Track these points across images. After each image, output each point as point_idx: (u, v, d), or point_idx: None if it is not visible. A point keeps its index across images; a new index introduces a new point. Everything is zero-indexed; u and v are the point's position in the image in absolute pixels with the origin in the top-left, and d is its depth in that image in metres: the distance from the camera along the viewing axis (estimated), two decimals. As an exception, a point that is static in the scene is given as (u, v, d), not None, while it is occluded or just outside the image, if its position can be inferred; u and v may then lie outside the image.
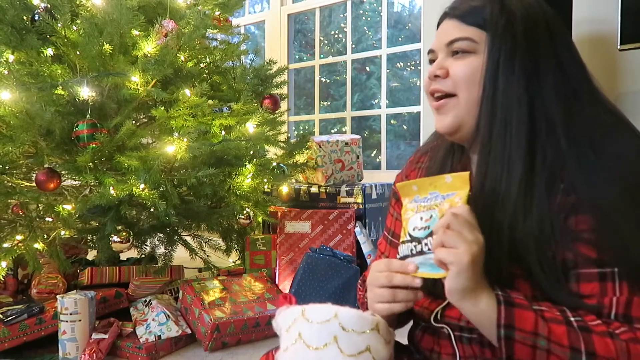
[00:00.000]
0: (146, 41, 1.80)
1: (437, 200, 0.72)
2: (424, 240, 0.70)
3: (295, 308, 0.74)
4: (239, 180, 2.04)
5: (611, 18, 1.87)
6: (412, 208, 0.74)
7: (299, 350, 0.69)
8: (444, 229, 0.65)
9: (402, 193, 0.76)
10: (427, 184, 0.74)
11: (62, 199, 1.87)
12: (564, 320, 0.63)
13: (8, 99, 1.65)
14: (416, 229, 0.72)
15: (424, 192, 0.74)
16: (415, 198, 0.75)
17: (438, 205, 0.71)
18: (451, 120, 0.75)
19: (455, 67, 0.74)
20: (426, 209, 0.72)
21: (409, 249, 0.72)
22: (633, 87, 2.02)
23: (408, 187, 0.76)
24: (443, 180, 0.72)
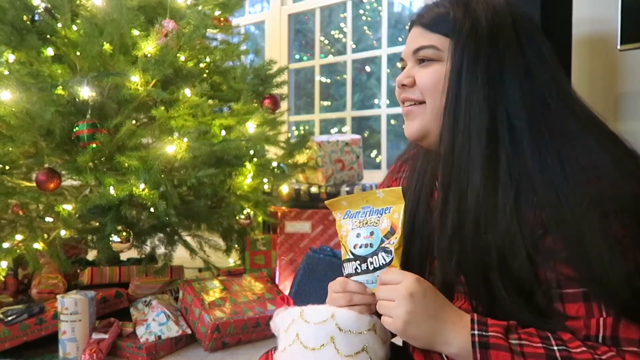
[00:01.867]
0: (146, 41, 1.80)
1: (373, 216, 0.73)
2: (369, 258, 0.72)
3: (293, 309, 0.74)
4: (239, 180, 2.04)
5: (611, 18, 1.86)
6: (345, 224, 0.75)
7: (296, 350, 0.69)
8: (379, 287, 0.70)
9: (332, 208, 0.78)
10: (358, 199, 0.76)
11: (62, 199, 1.87)
12: (545, 354, 0.61)
13: (8, 99, 1.64)
14: (357, 246, 0.73)
15: (355, 206, 0.75)
16: (347, 213, 0.76)
17: (378, 223, 0.72)
18: (417, 127, 0.75)
19: (421, 76, 0.74)
20: (363, 224, 0.74)
21: (353, 267, 0.73)
22: (633, 87, 2.02)
23: (337, 203, 0.78)
24: (375, 195, 0.74)
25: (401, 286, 0.66)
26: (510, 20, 0.72)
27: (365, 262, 0.72)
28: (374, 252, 0.72)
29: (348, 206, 0.76)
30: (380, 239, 0.72)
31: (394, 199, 0.73)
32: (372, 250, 0.72)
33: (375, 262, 0.71)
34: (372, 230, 0.73)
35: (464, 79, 0.70)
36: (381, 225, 0.72)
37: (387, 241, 0.72)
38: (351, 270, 0.73)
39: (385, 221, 0.72)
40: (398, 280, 0.67)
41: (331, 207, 0.78)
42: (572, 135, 0.67)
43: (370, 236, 0.72)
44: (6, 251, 1.70)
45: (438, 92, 0.72)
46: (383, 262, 0.71)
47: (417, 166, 0.84)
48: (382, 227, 0.72)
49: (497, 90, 0.69)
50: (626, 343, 0.61)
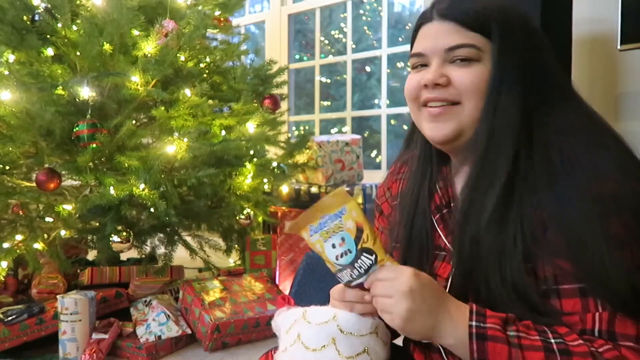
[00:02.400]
0: (146, 41, 1.80)
1: (335, 221, 0.71)
2: (355, 264, 0.69)
3: (296, 309, 0.74)
4: (239, 180, 2.04)
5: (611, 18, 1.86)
6: (316, 240, 0.72)
7: (297, 351, 0.69)
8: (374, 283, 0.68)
9: (297, 231, 0.74)
10: (313, 212, 0.72)
11: (62, 199, 1.87)
12: (542, 346, 0.61)
13: (8, 99, 1.65)
14: (339, 257, 0.70)
15: (314, 219, 0.72)
16: (311, 229, 0.72)
17: (342, 227, 0.70)
18: (452, 129, 0.72)
19: (461, 76, 0.71)
20: (331, 233, 0.71)
21: (348, 274, 0.71)
22: (633, 88, 2.02)
23: (297, 225, 0.74)
24: (325, 203, 0.71)
25: (399, 282, 0.64)
26: (531, 25, 0.74)
27: (354, 268, 0.69)
28: (355, 257, 0.69)
29: (308, 221, 0.72)
30: (353, 242, 0.69)
31: (342, 200, 0.70)
32: (353, 255, 0.69)
33: (362, 265, 0.68)
34: (341, 236, 0.70)
35: (505, 82, 0.70)
36: (346, 226, 0.69)
37: (360, 241, 0.69)
38: (348, 278, 0.71)
39: (349, 222, 0.69)
40: (393, 276, 0.65)
41: (295, 232, 0.74)
42: (575, 134, 0.68)
43: (344, 242, 0.70)
44: (6, 251, 1.70)
45: (479, 93, 0.70)
46: (369, 262, 0.68)
47: (416, 168, 0.83)
48: (348, 229, 0.69)
49: (528, 94, 0.70)
50: (622, 338, 0.61)
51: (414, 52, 0.76)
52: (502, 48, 0.70)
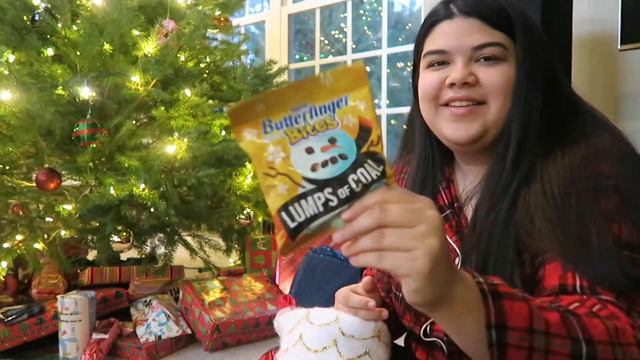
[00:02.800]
0: (146, 41, 1.80)
1: (322, 115, 0.48)
2: (351, 175, 0.46)
3: (300, 310, 0.74)
4: (239, 180, 2.04)
5: (611, 18, 1.86)
6: (276, 140, 0.46)
7: (299, 351, 0.69)
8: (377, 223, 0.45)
9: (238, 121, 0.47)
10: (285, 96, 0.47)
11: (62, 199, 1.87)
12: (554, 307, 0.53)
13: (8, 99, 1.65)
14: (317, 167, 0.46)
15: (280, 110, 0.47)
16: (267, 124, 0.47)
17: (333, 123, 0.48)
18: (478, 129, 0.71)
19: (490, 76, 0.69)
20: (308, 132, 0.47)
21: (319, 201, 0.45)
22: (633, 88, 2.02)
23: (246, 111, 0.47)
24: (316, 83, 0.47)
25: (427, 210, 0.45)
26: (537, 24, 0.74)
27: (344, 183, 0.45)
28: (353, 165, 0.46)
29: (265, 113, 0.47)
30: (353, 144, 0.47)
31: (351, 82, 0.48)
32: (349, 163, 0.46)
33: (362, 178, 0.46)
34: (331, 135, 0.47)
35: (531, 81, 0.70)
36: (342, 123, 0.48)
37: (367, 143, 0.47)
38: (317, 208, 0.45)
39: (348, 118, 0.48)
40: (416, 200, 0.46)
41: (234, 122, 0.47)
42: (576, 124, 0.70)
43: (332, 145, 0.47)
44: (6, 251, 1.70)
45: (506, 93, 0.69)
46: (375, 174, 0.46)
47: (418, 170, 0.82)
48: (345, 126, 0.47)
49: (548, 92, 0.71)
50: (604, 294, 0.58)
51: (432, 50, 0.73)
52: (526, 47, 0.70)
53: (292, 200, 0.45)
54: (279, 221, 0.46)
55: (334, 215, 0.46)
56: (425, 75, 0.74)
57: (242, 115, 0.47)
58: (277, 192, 0.46)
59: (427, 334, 0.75)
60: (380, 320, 0.71)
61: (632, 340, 0.53)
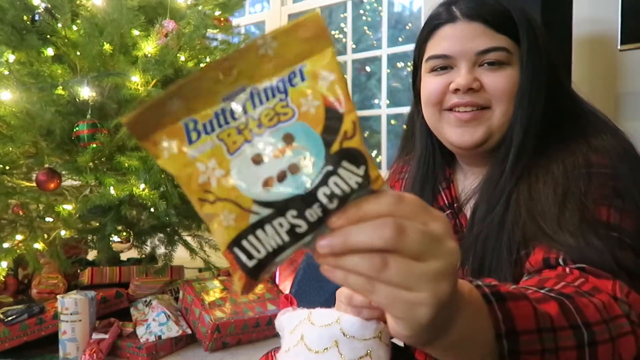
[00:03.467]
0: (146, 41, 1.80)
1: (268, 101, 0.34)
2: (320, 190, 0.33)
3: (302, 311, 0.74)
4: (239, 180, 2.04)
5: (611, 18, 1.86)
6: (208, 152, 0.34)
7: (300, 352, 0.69)
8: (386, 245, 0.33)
9: (141, 131, 0.33)
10: (206, 82, 0.33)
11: (62, 199, 1.87)
12: (547, 295, 0.51)
13: (8, 99, 1.65)
14: (272, 181, 0.33)
15: (206, 102, 0.34)
16: (191, 128, 0.34)
17: (288, 111, 0.34)
18: (482, 134, 0.71)
19: (495, 81, 0.69)
20: (254, 130, 0.34)
21: (282, 229, 0.33)
22: (633, 88, 2.02)
23: (155, 114, 0.33)
24: (251, 55, 0.34)
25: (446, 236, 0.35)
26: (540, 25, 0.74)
27: (313, 201, 0.33)
28: (324, 171, 0.33)
29: (186, 111, 0.33)
30: (318, 140, 0.33)
31: (305, 45, 0.34)
32: (317, 170, 0.33)
33: (339, 186, 0.33)
34: (285, 131, 0.34)
35: (534, 86, 0.69)
36: (301, 110, 0.34)
37: (338, 137, 0.33)
38: (280, 238, 0.33)
39: (307, 99, 0.34)
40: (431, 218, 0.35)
41: (139, 133, 0.33)
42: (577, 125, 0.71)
43: (290, 145, 0.33)
44: (6, 251, 1.70)
45: (509, 98, 0.69)
46: (356, 178, 0.33)
47: (418, 171, 0.81)
48: (304, 113, 0.34)
49: (550, 94, 0.71)
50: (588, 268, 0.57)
51: (435, 54, 0.72)
52: (530, 51, 0.69)
53: (244, 233, 0.33)
54: (232, 259, 0.34)
55: (308, 242, 0.34)
56: (428, 80, 0.74)
57: (151, 121, 0.33)
58: (221, 223, 0.33)
59: None
60: (383, 319, 0.71)
61: (619, 312, 0.52)
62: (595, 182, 0.62)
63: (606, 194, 0.61)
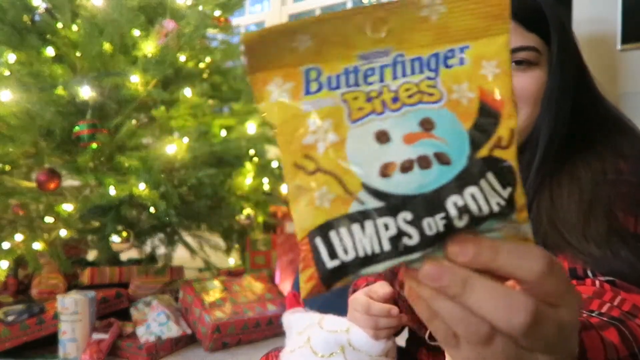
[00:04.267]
0: (146, 41, 1.80)
1: (414, 76, 0.28)
2: (450, 198, 0.27)
3: (314, 314, 0.73)
4: (239, 180, 2.04)
5: (611, 18, 1.86)
6: (324, 109, 0.28)
7: (305, 354, 0.68)
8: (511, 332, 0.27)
9: (255, 63, 0.29)
10: (351, 30, 0.28)
11: (62, 199, 1.87)
12: (604, 321, 0.48)
13: (8, 99, 1.64)
14: (391, 169, 0.27)
15: (341, 56, 0.28)
16: (313, 77, 0.28)
17: (430, 91, 0.28)
18: None
19: (521, 82, 0.65)
20: (388, 102, 0.28)
21: (385, 234, 0.27)
22: (633, 88, 2.02)
23: (276, 46, 0.28)
24: (409, 13, 0.28)
25: (573, 319, 0.29)
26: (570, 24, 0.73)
27: (439, 209, 0.26)
28: (462, 176, 0.27)
29: (312, 56, 0.28)
30: (464, 137, 0.28)
31: (478, 22, 0.28)
32: (455, 173, 0.27)
33: (477, 202, 0.26)
34: (425, 114, 0.28)
35: (563, 89, 0.67)
36: (451, 96, 0.28)
37: (490, 141, 0.28)
38: (379, 245, 0.26)
39: (462, 87, 0.28)
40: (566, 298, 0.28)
41: (255, 59, 0.29)
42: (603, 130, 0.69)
43: (428, 133, 0.27)
44: (6, 251, 1.70)
45: (535, 100, 0.66)
46: (498, 199, 0.27)
47: None
48: (452, 101, 0.28)
49: (578, 98, 0.69)
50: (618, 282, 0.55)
51: None
52: (560, 52, 0.66)
53: (336, 222, 0.27)
54: (308, 251, 0.27)
55: (411, 261, 0.27)
56: None
57: (271, 51, 0.27)
58: (312, 202, 0.27)
59: (433, 338, 0.74)
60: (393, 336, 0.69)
61: None
62: (623, 190, 0.60)
63: (634, 203, 0.59)
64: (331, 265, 0.26)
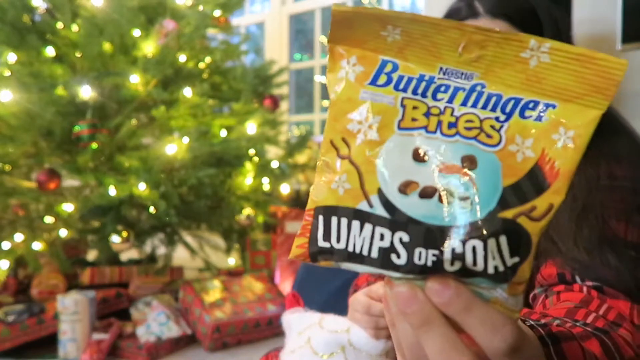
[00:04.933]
0: (146, 41, 1.80)
1: (479, 110, 0.27)
2: (452, 239, 0.27)
3: (314, 314, 0.73)
4: (239, 180, 2.04)
5: (611, 18, 1.86)
6: (380, 105, 0.28)
7: (305, 354, 0.68)
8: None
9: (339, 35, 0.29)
10: (446, 40, 0.27)
11: (63, 199, 1.87)
12: (587, 332, 0.49)
13: (8, 99, 1.65)
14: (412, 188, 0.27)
15: (424, 60, 0.28)
16: (384, 70, 0.28)
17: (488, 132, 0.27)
18: None
19: None
20: (443, 123, 0.28)
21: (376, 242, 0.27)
22: (633, 88, 2.02)
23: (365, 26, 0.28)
24: (513, 47, 0.27)
25: None
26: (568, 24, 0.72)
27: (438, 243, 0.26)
28: (477, 226, 0.26)
29: (395, 50, 0.28)
30: (498, 190, 0.27)
31: (581, 85, 0.27)
32: (471, 218, 0.26)
33: (479, 257, 0.26)
34: (472, 152, 0.27)
35: None
36: (507, 146, 0.27)
37: (521, 206, 0.27)
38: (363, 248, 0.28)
39: (525, 143, 0.27)
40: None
41: (340, 32, 0.28)
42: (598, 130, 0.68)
43: (465, 170, 0.27)
44: (6, 251, 1.70)
45: None
46: (500, 263, 0.27)
47: None
48: (507, 152, 0.27)
49: None
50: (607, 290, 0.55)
51: None
52: None
53: (341, 211, 0.28)
54: (310, 222, 0.29)
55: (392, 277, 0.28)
56: None
57: (356, 29, 0.27)
58: (330, 182, 0.28)
59: None
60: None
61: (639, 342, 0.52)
62: (616, 197, 0.60)
63: (626, 209, 0.59)
64: (321, 245, 0.28)
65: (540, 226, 0.27)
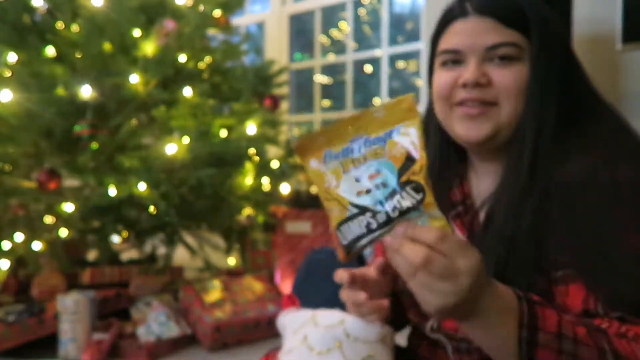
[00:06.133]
0: (146, 41, 1.81)
1: (372, 146, 0.53)
2: (387, 203, 0.51)
3: (306, 311, 0.73)
4: (239, 180, 2.04)
5: (611, 18, 1.86)
6: (330, 170, 0.54)
7: (302, 353, 0.69)
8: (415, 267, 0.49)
9: (302, 153, 0.56)
10: (341, 129, 0.55)
11: (63, 199, 1.87)
12: (579, 321, 0.55)
13: (8, 99, 1.65)
14: (361, 193, 0.52)
15: (339, 141, 0.55)
16: (328, 155, 0.55)
17: (383, 153, 0.53)
18: (490, 130, 0.69)
19: (504, 76, 0.68)
20: (360, 161, 0.53)
21: (363, 224, 0.52)
22: (633, 88, 2.02)
23: (309, 143, 0.56)
24: (369, 116, 0.54)
25: (464, 274, 0.49)
26: (560, 22, 0.72)
27: (378, 211, 0.51)
28: (392, 192, 0.51)
29: (326, 144, 0.55)
30: (395, 173, 0.51)
31: (402, 114, 0.53)
32: (389, 190, 0.51)
33: (400, 203, 0.50)
34: (377, 166, 0.52)
35: (545, 83, 0.68)
36: (390, 153, 0.52)
37: (407, 172, 0.51)
38: (361, 230, 0.52)
39: (397, 148, 0.52)
40: (459, 259, 0.49)
41: (301, 152, 0.56)
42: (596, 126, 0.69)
43: (378, 174, 0.52)
44: (6, 251, 1.70)
45: (518, 94, 0.68)
46: (412, 202, 0.50)
47: (433, 165, 0.80)
48: (392, 156, 0.52)
49: (566, 92, 0.70)
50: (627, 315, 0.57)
51: (446, 49, 0.72)
52: (541, 47, 0.68)
53: (342, 221, 0.53)
54: (336, 237, 0.54)
55: (376, 237, 0.52)
56: (439, 74, 0.74)
57: (308, 146, 0.56)
58: (333, 213, 0.54)
59: (434, 330, 0.74)
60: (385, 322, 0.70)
61: None
62: (622, 204, 0.61)
63: (634, 218, 0.60)
64: (344, 243, 0.53)
65: (422, 177, 0.51)
